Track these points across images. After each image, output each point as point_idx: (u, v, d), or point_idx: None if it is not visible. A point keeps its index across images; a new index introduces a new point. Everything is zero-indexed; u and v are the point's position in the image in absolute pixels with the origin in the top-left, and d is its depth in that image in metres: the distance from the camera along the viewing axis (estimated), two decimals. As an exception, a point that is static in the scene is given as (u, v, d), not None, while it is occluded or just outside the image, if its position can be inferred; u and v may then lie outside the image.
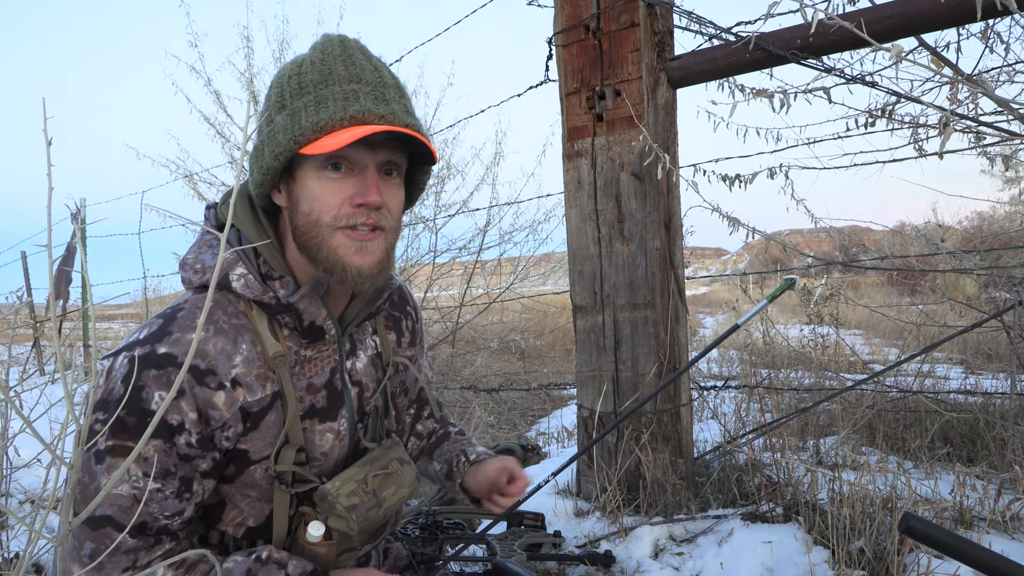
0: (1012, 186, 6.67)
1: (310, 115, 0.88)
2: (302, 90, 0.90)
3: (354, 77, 0.90)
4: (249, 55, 5.76)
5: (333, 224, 0.91)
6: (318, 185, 0.91)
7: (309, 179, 0.91)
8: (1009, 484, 1.82)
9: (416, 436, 1.39)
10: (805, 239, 10.40)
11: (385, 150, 0.93)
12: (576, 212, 2.09)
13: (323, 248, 0.92)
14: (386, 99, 0.90)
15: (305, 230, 0.93)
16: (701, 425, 3.06)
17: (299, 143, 0.87)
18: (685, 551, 1.78)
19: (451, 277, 6.76)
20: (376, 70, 0.93)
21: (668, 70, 1.99)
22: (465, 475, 1.27)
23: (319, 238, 0.92)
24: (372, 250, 0.93)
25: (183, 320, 0.92)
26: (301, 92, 0.90)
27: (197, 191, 6.01)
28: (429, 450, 1.36)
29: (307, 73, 0.91)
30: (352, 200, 0.91)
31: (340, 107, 0.87)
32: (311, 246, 0.93)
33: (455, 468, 1.29)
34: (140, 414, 0.86)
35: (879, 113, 2.10)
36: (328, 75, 0.90)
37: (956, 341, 4.82)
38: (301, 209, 0.92)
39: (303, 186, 0.92)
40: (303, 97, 0.90)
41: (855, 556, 1.54)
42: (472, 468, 1.27)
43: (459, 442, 1.34)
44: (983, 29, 2.02)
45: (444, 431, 1.38)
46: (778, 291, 1.31)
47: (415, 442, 1.38)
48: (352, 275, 0.92)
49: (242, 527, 1.03)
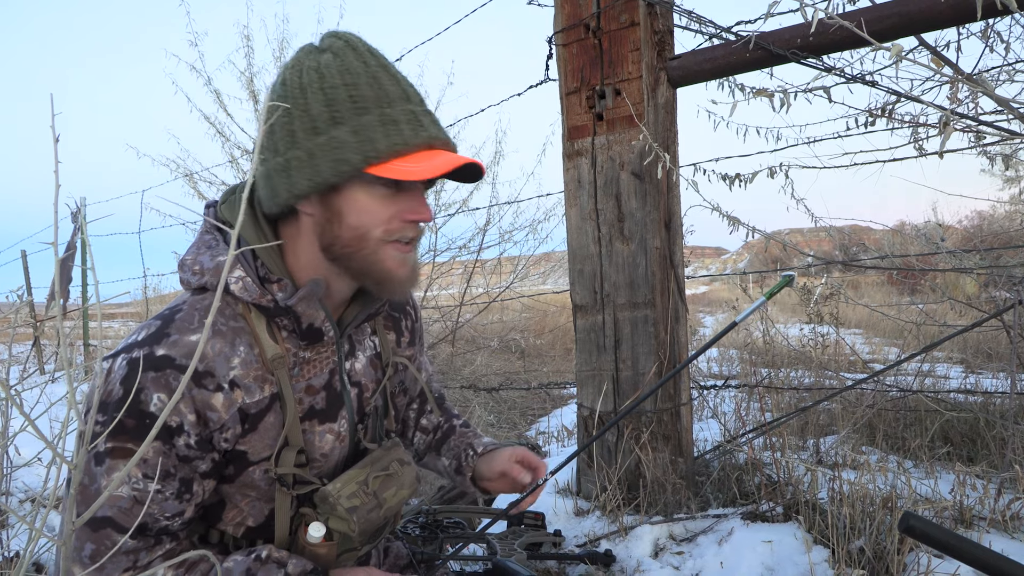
0: (1012, 185, 6.67)
1: (388, 135, 0.89)
2: (362, 106, 0.90)
3: (403, 96, 0.92)
4: (249, 54, 5.76)
5: (384, 238, 0.93)
6: (369, 199, 0.92)
7: (359, 192, 0.92)
8: (1009, 483, 1.82)
9: (422, 431, 1.39)
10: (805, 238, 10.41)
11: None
12: (576, 211, 2.09)
13: (369, 260, 0.94)
14: (437, 123, 0.95)
15: (350, 242, 0.94)
16: (701, 424, 3.06)
17: (370, 162, 0.88)
18: (685, 550, 1.78)
19: (451, 276, 6.76)
20: (409, 85, 0.95)
21: (668, 69, 1.99)
22: (475, 468, 1.27)
23: (366, 250, 0.94)
24: (411, 262, 0.98)
25: (181, 322, 0.92)
26: (362, 108, 0.90)
27: (197, 190, 6.02)
28: (436, 445, 1.36)
29: (361, 87, 0.90)
30: (402, 215, 0.94)
31: (412, 131, 0.90)
32: (354, 257, 0.94)
33: (464, 463, 1.29)
34: (139, 416, 0.86)
35: (879, 112, 2.10)
36: (381, 91, 0.91)
37: (956, 340, 4.82)
38: (347, 222, 0.93)
39: (351, 199, 0.92)
40: (366, 115, 0.89)
41: (855, 555, 1.55)
42: (480, 460, 1.27)
43: (465, 435, 1.34)
44: (983, 28, 2.02)
45: (449, 425, 1.38)
46: (776, 288, 1.31)
47: (421, 437, 1.39)
48: (397, 286, 0.97)
49: (242, 527, 1.03)
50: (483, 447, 1.30)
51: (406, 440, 1.40)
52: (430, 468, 1.39)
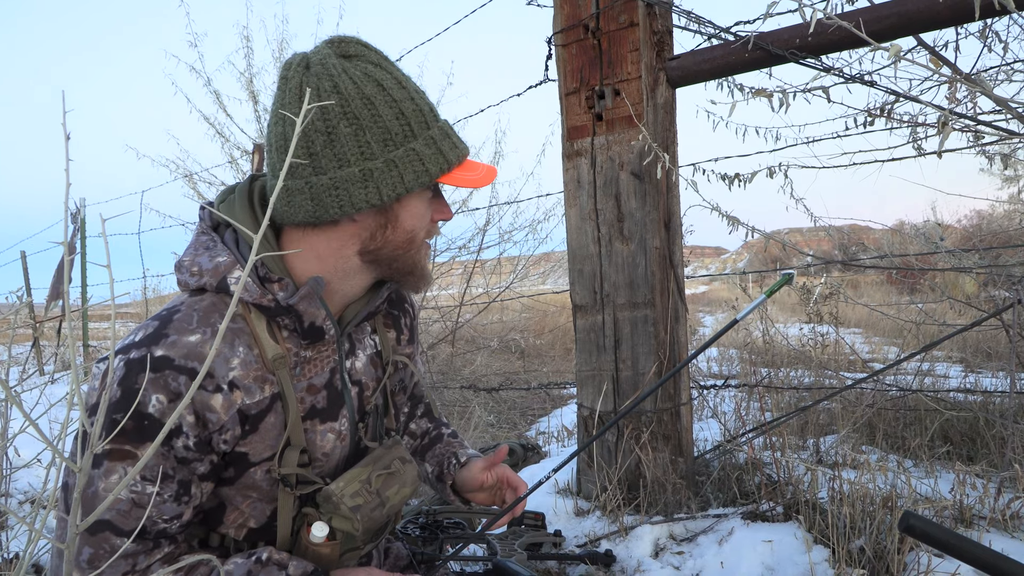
0: (1011, 185, 6.68)
1: (453, 148, 0.98)
2: (423, 120, 0.96)
3: (433, 109, 1.00)
4: (249, 55, 5.77)
5: (426, 239, 1.04)
6: (421, 205, 1.00)
7: (415, 199, 0.99)
8: (1009, 482, 1.82)
9: (410, 435, 1.39)
10: (804, 238, 10.41)
11: None
12: (576, 211, 2.09)
13: (414, 259, 1.03)
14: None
15: (401, 244, 1.01)
16: (701, 424, 3.06)
17: (443, 172, 0.97)
18: (685, 550, 1.78)
19: (451, 276, 6.76)
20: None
21: (667, 69, 1.99)
22: (455, 476, 1.28)
23: (412, 250, 1.02)
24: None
25: (179, 322, 0.92)
26: (426, 123, 0.96)
27: (197, 191, 6.02)
28: (422, 451, 1.37)
29: (415, 100, 0.96)
30: (436, 217, 1.04)
31: (460, 144, 1.00)
32: (401, 259, 1.02)
33: (446, 470, 1.30)
34: (137, 418, 0.86)
35: (878, 112, 2.11)
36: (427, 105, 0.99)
37: (955, 340, 4.82)
38: (403, 226, 0.99)
39: (410, 206, 0.99)
40: (430, 129, 0.97)
41: (855, 555, 1.55)
42: (462, 470, 1.28)
43: (451, 444, 1.35)
44: (981, 28, 2.03)
45: (437, 432, 1.38)
46: (776, 286, 1.32)
47: (409, 441, 1.39)
48: (427, 280, 1.08)
49: (243, 529, 1.03)
50: (466, 457, 1.30)
51: None
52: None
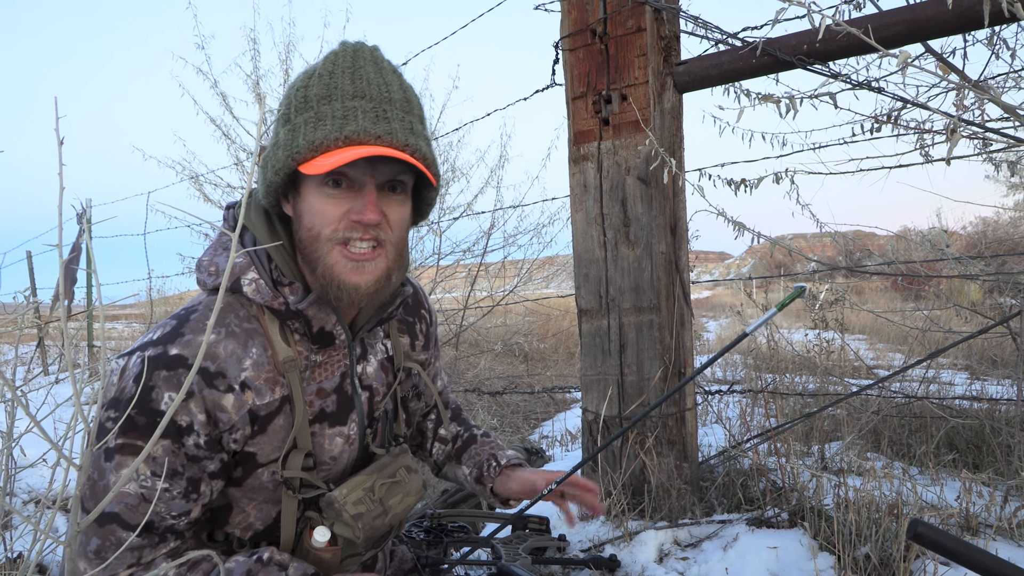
0: (1017, 191, 6.66)
1: (308, 133, 0.88)
2: (306, 105, 0.91)
3: (358, 92, 0.90)
4: (256, 57, 5.78)
5: (332, 238, 0.92)
6: (319, 200, 0.92)
7: (311, 194, 0.93)
8: (1015, 491, 1.81)
9: (440, 441, 1.38)
10: (808, 243, 10.39)
11: (387, 168, 0.93)
12: (582, 216, 2.10)
13: (321, 263, 0.93)
14: (387, 117, 0.90)
15: (307, 243, 0.94)
16: (706, 429, 3.05)
17: (296, 161, 0.89)
18: (690, 556, 1.77)
19: (455, 280, 6.77)
20: (384, 84, 0.92)
21: (674, 75, 1.99)
22: (496, 480, 1.27)
23: (319, 252, 0.93)
24: (370, 269, 0.94)
25: (196, 322, 0.93)
26: (305, 107, 0.90)
27: (203, 192, 6.04)
28: (456, 454, 1.35)
29: (313, 86, 0.91)
30: (349, 216, 0.92)
31: (336, 126, 0.88)
32: (312, 259, 0.95)
33: (485, 472, 1.28)
34: (150, 414, 0.87)
35: (885, 119, 2.10)
36: (333, 89, 0.90)
37: (961, 347, 4.80)
38: (304, 223, 0.94)
39: (306, 200, 0.94)
40: (305, 113, 0.90)
41: (861, 562, 1.54)
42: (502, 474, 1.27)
43: (486, 444, 1.33)
44: (989, 36, 2.02)
45: (469, 434, 1.37)
46: (788, 299, 1.32)
47: (440, 447, 1.38)
48: (347, 293, 0.94)
49: (249, 530, 1.04)
50: (507, 460, 1.29)
51: (424, 451, 1.40)
52: (450, 478, 1.38)
